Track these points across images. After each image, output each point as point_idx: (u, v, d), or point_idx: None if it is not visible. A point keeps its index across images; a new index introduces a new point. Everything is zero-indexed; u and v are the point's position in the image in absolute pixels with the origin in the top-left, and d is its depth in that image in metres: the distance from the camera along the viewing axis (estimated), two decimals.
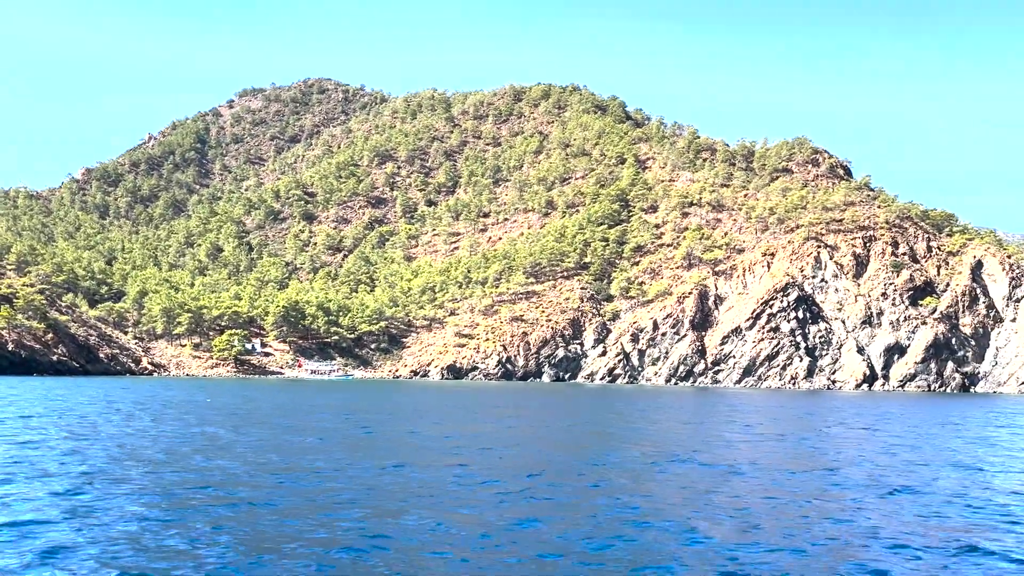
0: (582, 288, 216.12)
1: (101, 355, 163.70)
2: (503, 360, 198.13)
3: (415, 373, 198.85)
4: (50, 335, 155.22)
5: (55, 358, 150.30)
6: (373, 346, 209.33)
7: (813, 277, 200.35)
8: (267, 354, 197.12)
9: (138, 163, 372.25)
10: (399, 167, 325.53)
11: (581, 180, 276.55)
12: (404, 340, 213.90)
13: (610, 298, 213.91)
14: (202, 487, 25.42)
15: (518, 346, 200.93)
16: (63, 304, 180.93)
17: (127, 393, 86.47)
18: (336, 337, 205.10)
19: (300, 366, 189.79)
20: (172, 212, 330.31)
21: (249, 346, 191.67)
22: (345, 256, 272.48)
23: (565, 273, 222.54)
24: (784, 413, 77.72)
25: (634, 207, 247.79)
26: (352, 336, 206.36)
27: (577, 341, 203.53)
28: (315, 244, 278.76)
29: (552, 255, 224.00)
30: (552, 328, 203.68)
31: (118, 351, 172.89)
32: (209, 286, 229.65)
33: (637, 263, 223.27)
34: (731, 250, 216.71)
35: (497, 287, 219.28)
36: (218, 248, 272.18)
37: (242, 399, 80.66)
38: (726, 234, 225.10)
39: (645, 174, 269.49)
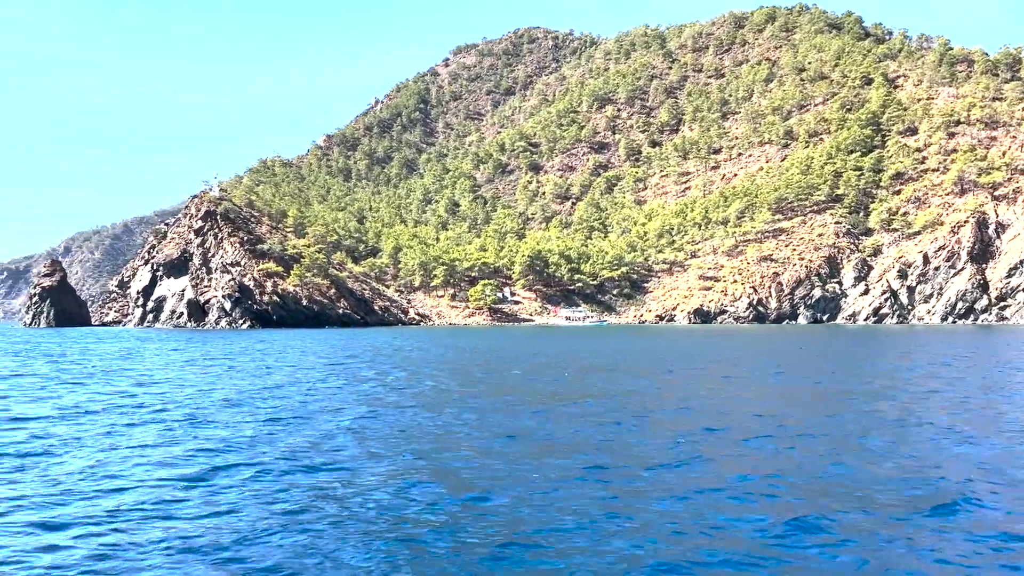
0: (836, 223, 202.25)
1: (375, 307, 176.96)
2: (754, 303, 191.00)
3: (660, 318, 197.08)
4: (332, 290, 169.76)
5: (340, 311, 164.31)
6: (615, 292, 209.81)
7: None
8: (516, 302, 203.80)
9: (371, 127, 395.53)
10: (619, 110, 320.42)
11: (823, 106, 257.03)
12: (645, 285, 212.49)
13: (869, 232, 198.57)
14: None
15: (769, 287, 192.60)
16: (335, 262, 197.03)
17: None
18: (579, 284, 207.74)
19: (555, 313, 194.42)
20: (406, 171, 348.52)
21: (500, 295, 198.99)
22: (574, 203, 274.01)
23: (815, 207, 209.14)
24: None
25: (889, 131, 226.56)
26: (594, 283, 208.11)
27: (835, 280, 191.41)
28: (544, 193, 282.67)
29: (799, 189, 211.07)
30: (806, 267, 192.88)
31: (388, 303, 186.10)
32: (453, 239, 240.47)
33: (898, 192, 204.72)
34: (1013, 171, 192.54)
35: (740, 226, 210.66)
36: (455, 203, 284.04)
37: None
38: (1004, 153, 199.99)
39: (897, 93, 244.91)
